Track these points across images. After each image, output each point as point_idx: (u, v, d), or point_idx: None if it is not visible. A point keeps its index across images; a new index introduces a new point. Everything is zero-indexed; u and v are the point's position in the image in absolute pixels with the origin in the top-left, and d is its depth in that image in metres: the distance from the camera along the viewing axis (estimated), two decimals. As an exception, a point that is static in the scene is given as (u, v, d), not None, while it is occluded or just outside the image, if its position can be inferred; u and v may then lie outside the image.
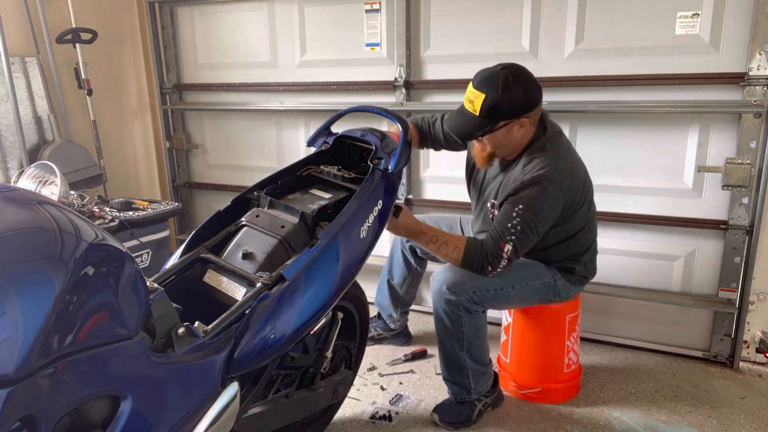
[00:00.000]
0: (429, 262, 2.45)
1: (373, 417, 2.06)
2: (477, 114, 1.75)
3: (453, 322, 1.88)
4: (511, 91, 1.72)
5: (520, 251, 1.82)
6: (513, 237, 1.78)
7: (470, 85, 1.78)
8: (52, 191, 2.31)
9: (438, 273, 1.92)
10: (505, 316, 2.23)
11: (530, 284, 1.95)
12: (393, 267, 2.46)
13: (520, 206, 1.76)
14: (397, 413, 2.09)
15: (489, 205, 1.97)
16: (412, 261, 2.40)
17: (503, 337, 2.27)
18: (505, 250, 1.79)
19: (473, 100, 1.75)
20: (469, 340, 1.91)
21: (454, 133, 1.89)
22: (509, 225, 1.77)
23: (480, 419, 2.03)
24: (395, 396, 2.20)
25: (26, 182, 2.36)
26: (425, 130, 2.17)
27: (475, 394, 1.99)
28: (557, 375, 2.19)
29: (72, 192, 2.64)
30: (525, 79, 1.77)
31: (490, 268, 1.82)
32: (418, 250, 2.38)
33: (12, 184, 2.43)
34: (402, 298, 2.48)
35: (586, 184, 1.94)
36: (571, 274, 2.02)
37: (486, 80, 1.74)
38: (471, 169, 2.12)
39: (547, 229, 1.85)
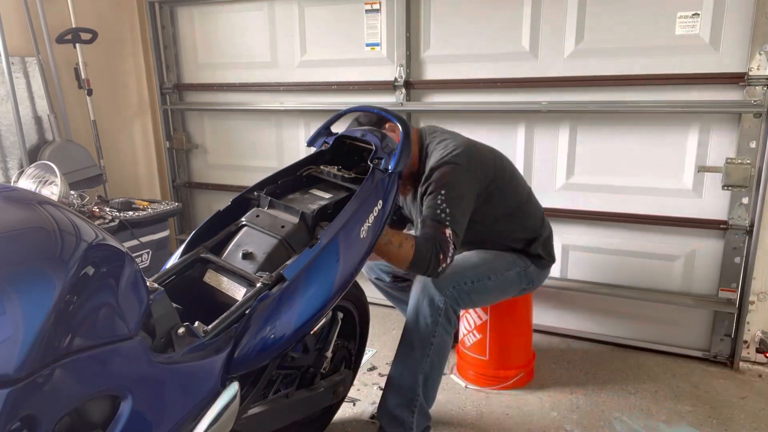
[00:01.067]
0: None
1: (373, 417, 2.06)
2: None
3: (426, 328, 1.78)
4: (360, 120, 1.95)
5: (459, 233, 1.79)
6: (447, 220, 1.76)
7: None
8: (52, 191, 2.31)
9: (419, 277, 1.85)
10: (479, 316, 2.24)
11: (505, 275, 1.97)
12: (395, 298, 2.43)
13: (441, 192, 1.79)
14: (397, 413, 2.09)
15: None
16: (397, 284, 2.35)
17: (475, 338, 2.27)
18: (447, 234, 1.75)
19: (371, 111, 1.89)
20: (431, 359, 1.78)
21: None
22: (438, 211, 1.78)
23: None
24: (395, 396, 2.20)
25: (26, 182, 2.36)
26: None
27: None
28: (529, 355, 2.35)
29: (72, 192, 2.64)
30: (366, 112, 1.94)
31: (441, 256, 1.72)
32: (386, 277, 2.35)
33: (12, 184, 2.43)
34: None
35: (499, 163, 2.00)
36: (539, 258, 2.07)
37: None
38: (401, 215, 2.26)
39: (478, 206, 1.88)
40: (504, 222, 2.01)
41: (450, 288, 1.81)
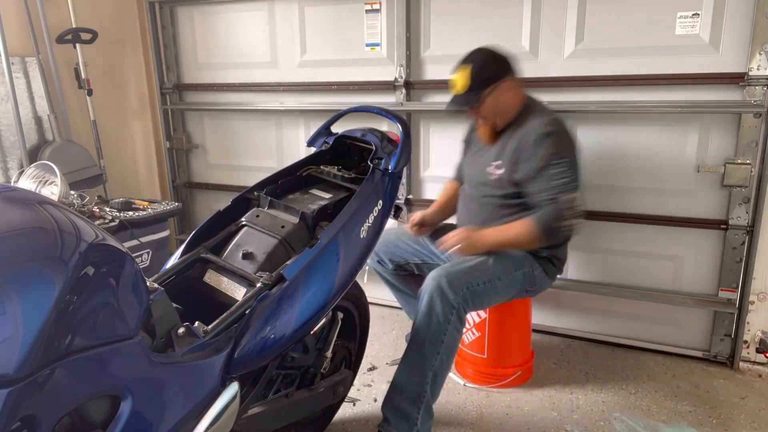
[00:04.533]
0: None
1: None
2: (465, 90, 1.95)
3: (438, 326, 1.79)
4: (486, 58, 1.97)
5: (578, 190, 1.88)
6: (564, 185, 1.86)
7: (452, 74, 1.99)
8: (52, 191, 2.31)
9: (434, 272, 1.88)
10: (477, 314, 2.25)
11: (513, 274, 1.98)
12: (393, 286, 2.45)
13: (558, 165, 1.86)
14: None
15: (489, 167, 2.03)
16: (402, 273, 2.38)
17: (473, 335, 2.28)
18: (564, 200, 1.85)
19: (457, 80, 1.95)
20: (441, 357, 1.79)
21: (454, 111, 2.03)
22: (554, 182, 1.86)
23: None
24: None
25: (26, 182, 2.36)
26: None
27: None
28: (527, 353, 2.36)
29: (72, 192, 2.64)
30: (495, 49, 2.00)
31: (564, 224, 1.86)
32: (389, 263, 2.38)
33: (12, 184, 2.43)
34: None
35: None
36: (548, 263, 2.07)
37: (463, 60, 1.98)
38: (466, 154, 2.28)
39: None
40: None
41: (464, 288, 1.83)
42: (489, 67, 1.95)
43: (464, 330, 1.91)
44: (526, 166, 1.91)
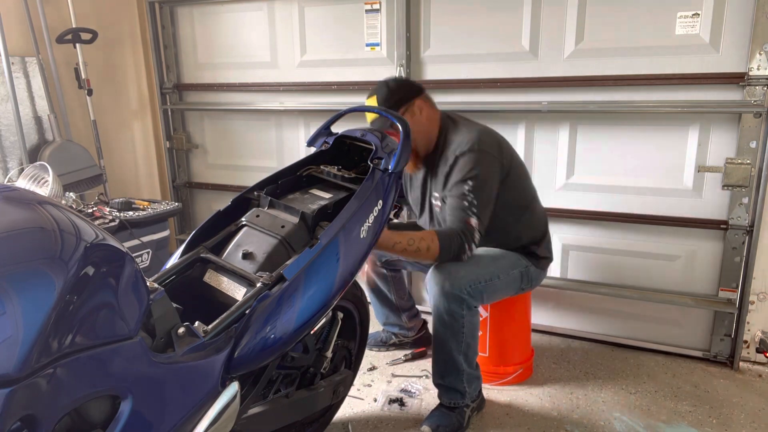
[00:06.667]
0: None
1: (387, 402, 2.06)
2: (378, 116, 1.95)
3: (455, 322, 1.88)
4: (391, 84, 2.01)
5: (485, 220, 1.91)
6: (474, 209, 1.88)
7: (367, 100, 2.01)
8: (45, 191, 2.30)
9: (432, 274, 1.92)
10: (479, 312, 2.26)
11: (511, 273, 2.03)
12: (375, 287, 2.45)
13: (468, 180, 1.88)
14: (410, 395, 2.09)
15: (433, 199, 2.07)
16: (385, 272, 2.40)
17: None
18: (473, 224, 1.88)
19: (371, 111, 1.94)
20: (467, 342, 1.91)
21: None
22: (465, 202, 1.88)
23: (469, 425, 2.00)
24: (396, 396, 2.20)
25: (21, 182, 2.36)
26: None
27: (468, 398, 1.98)
28: (528, 351, 2.37)
29: (70, 194, 2.64)
30: (398, 78, 2.10)
31: (466, 247, 1.88)
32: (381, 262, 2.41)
33: (6, 181, 2.43)
34: (398, 304, 2.47)
35: (515, 154, 2.07)
36: (537, 258, 2.12)
37: (371, 92, 2.02)
38: (405, 189, 2.27)
39: (498, 197, 1.96)
40: (515, 215, 2.05)
41: (468, 286, 1.88)
42: (396, 92, 1.98)
43: (479, 312, 2.01)
44: (448, 185, 1.94)
